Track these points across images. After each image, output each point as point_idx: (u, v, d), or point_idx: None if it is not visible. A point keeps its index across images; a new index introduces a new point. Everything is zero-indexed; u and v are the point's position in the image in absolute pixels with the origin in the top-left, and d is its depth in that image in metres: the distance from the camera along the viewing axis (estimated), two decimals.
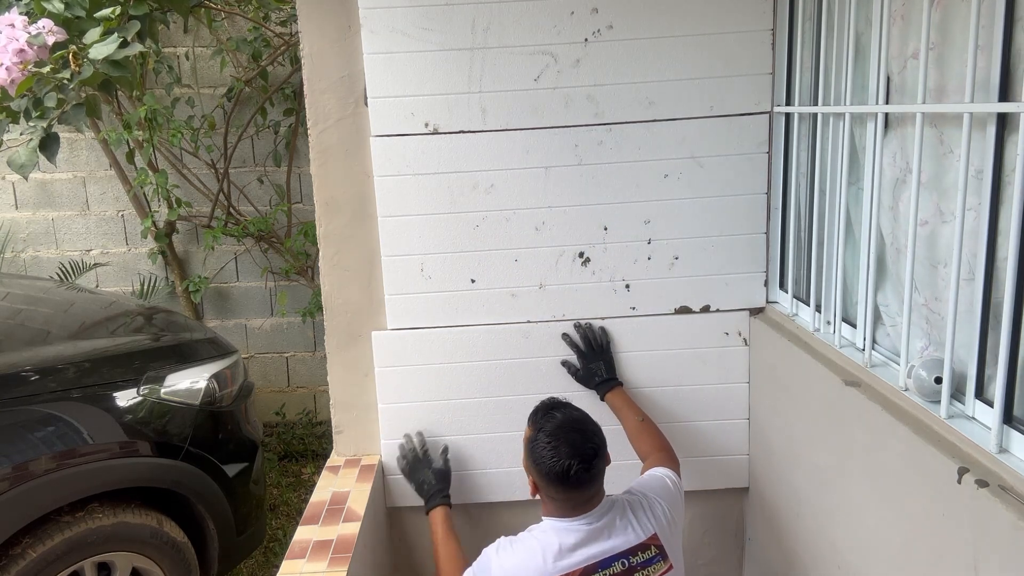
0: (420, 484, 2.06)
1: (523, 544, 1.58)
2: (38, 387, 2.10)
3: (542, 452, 1.55)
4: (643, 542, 1.57)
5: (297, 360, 4.12)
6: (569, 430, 1.57)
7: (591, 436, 1.57)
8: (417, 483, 2.07)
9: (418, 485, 2.07)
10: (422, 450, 2.11)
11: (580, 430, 1.58)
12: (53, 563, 2.05)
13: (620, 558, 1.55)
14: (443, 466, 2.09)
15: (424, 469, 2.07)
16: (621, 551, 1.55)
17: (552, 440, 1.54)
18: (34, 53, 1.75)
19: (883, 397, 1.49)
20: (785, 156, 2.03)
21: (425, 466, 2.07)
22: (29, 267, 4.02)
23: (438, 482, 2.04)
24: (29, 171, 1.90)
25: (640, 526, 1.59)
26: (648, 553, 1.57)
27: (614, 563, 1.54)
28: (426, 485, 2.04)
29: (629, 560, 1.55)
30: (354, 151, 2.05)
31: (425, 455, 2.10)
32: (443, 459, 2.11)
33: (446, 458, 2.11)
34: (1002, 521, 1.11)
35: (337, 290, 2.13)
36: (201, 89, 3.83)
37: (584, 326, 2.12)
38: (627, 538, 1.56)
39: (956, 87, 1.34)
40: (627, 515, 1.60)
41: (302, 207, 3.93)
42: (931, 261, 1.45)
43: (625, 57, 1.98)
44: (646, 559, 1.56)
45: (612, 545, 1.55)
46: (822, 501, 1.74)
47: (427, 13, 1.95)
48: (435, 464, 2.08)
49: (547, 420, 1.60)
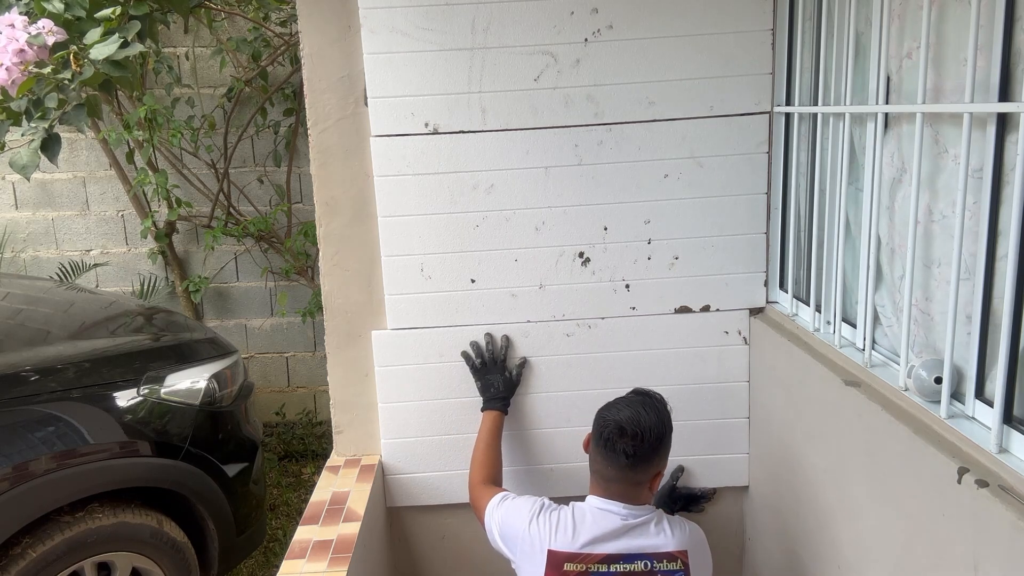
0: (487, 385, 2.09)
1: (560, 516, 1.61)
2: (38, 387, 2.11)
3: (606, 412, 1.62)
4: (672, 552, 1.57)
5: (297, 360, 4.13)
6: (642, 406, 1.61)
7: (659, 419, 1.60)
8: (484, 383, 2.09)
9: (484, 385, 2.09)
10: (503, 354, 2.12)
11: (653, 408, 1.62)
12: (53, 563, 2.05)
13: (645, 558, 1.55)
14: (515, 378, 2.11)
15: (496, 373, 2.09)
16: (648, 552, 1.56)
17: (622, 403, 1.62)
18: (34, 53, 1.75)
19: (883, 397, 1.49)
20: (785, 156, 2.03)
21: (499, 371, 2.10)
22: (29, 267, 4.02)
23: (505, 389, 2.08)
24: (31, 172, 1.90)
25: (674, 537, 1.59)
26: (674, 564, 1.56)
27: (637, 560, 1.55)
28: (492, 388, 2.08)
29: (653, 563, 1.55)
30: (354, 151, 2.05)
31: (504, 361, 2.12)
32: (517, 371, 2.13)
33: (520, 371, 2.13)
34: (1002, 521, 1.11)
35: (337, 290, 2.13)
36: (201, 89, 3.83)
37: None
38: (658, 542, 1.57)
39: (953, 87, 1.34)
40: (663, 523, 1.61)
41: (302, 207, 3.94)
42: (923, 261, 1.45)
43: (625, 57, 1.98)
44: (670, 570, 1.56)
45: (641, 544, 1.56)
46: (822, 501, 1.74)
47: (427, 13, 1.96)
48: (507, 372, 2.11)
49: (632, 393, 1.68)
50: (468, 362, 2.13)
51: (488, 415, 2.04)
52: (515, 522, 1.64)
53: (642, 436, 1.56)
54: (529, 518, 1.62)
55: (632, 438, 1.55)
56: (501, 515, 1.69)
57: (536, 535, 1.59)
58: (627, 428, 1.56)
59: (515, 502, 1.69)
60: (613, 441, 1.56)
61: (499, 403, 2.06)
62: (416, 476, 2.20)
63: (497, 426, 2.02)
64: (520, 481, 2.19)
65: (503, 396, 2.08)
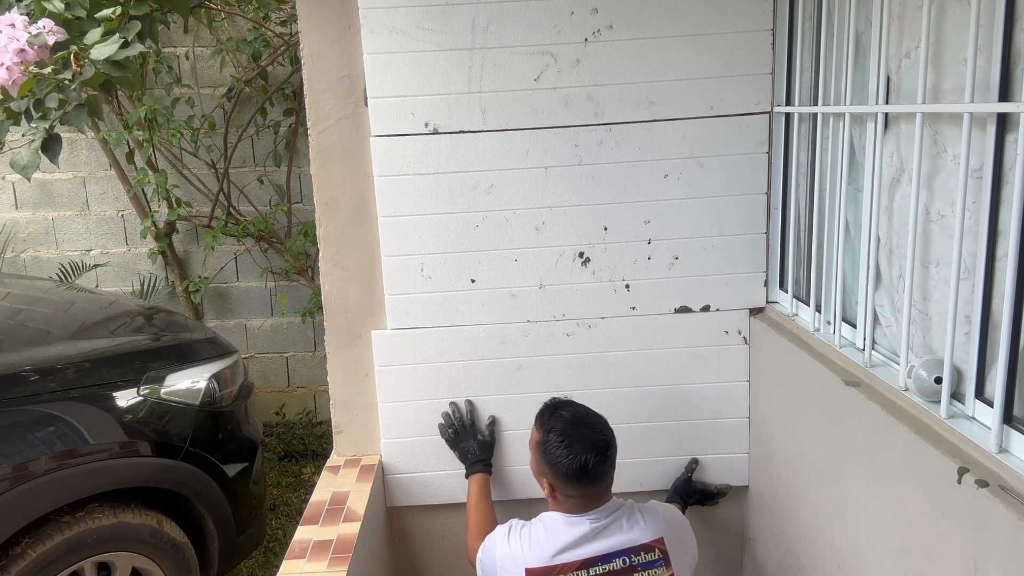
0: (464, 452, 2.10)
1: (531, 532, 1.61)
2: (38, 387, 2.10)
3: (556, 452, 1.56)
4: (647, 543, 1.58)
5: (297, 360, 4.13)
6: (579, 426, 1.60)
7: (600, 428, 1.61)
8: (461, 451, 2.11)
9: (462, 453, 2.11)
10: (469, 419, 2.13)
11: (589, 424, 1.61)
12: (53, 563, 2.05)
13: (622, 555, 1.56)
14: (488, 437, 2.13)
15: (469, 439, 2.11)
16: (624, 548, 1.57)
17: (564, 438, 1.57)
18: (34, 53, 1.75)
19: (883, 397, 1.49)
20: (785, 156, 2.03)
21: (471, 436, 2.11)
22: (29, 267, 4.02)
23: (482, 452, 2.09)
24: (32, 172, 1.90)
25: (647, 527, 1.60)
26: (651, 555, 1.57)
27: (615, 559, 1.56)
28: (470, 454, 2.09)
29: (631, 558, 1.56)
30: (354, 151, 2.05)
31: (472, 425, 2.13)
32: (489, 431, 2.14)
33: (492, 430, 2.15)
34: (1002, 521, 1.11)
35: (337, 290, 2.13)
36: (201, 89, 3.83)
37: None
38: (632, 536, 1.58)
39: (952, 86, 1.34)
40: (635, 515, 1.62)
41: (302, 207, 3.94)
42: (921, 261, 1.45)
43: (625, 57, 1.98)
44: (648, 560, 1.57)
45: (616, 541, 1.57)
46: (822, 501, 1.74)
47: (427, 13, 1.96)
48: (479, 435, 2.12)
49: (555, 420, 1.62)
50: (443, 434, 2.14)
51: (473, 480, 2.05)
52: (493, 552, 1.66)
53: (603, 448, 1.57)
54: (503, 543, 1.63)
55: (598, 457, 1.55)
56: (482, 552, 1.70)
57: (510, 557, 1.60)
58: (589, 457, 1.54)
59: (490, 537, 1.70)
60: (584, 472, 1.54)
61: (480, 465, 2.07)
62: (416, 476, 2.20)
63: (484, 488, 2.02)
64: (520, 481, 2.19)
65: (482, 458, 2.09)
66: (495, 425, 2.16)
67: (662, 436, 2.18)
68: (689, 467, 2.17)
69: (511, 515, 2.16)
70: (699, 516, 2.28)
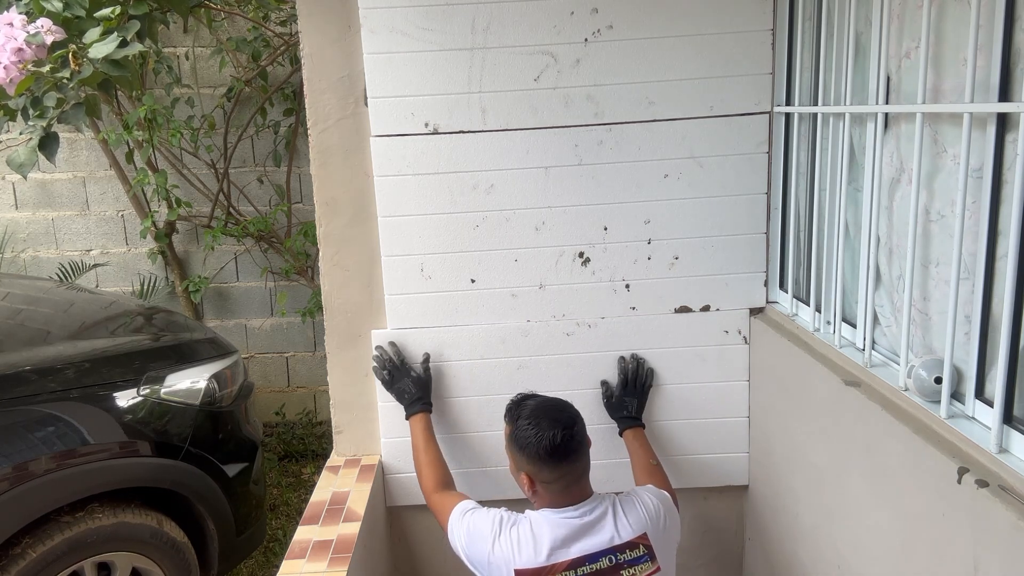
0: (400, 393, 2.09)
1: (519, 532, 1.61)
2: (38, 387, 2.10)
3: (525, 435, 1.60)
4: (632, 540, 1.59)
5: (297, 360, 4.13)
6: (543, 408, 1.65)
7: (565, 408, 1.66)
8: (398, 392, 2.09)
9: (398, 394, 2.09)
10: (399, 359, 2.12)
11: (553, 406, 1.66)
12: (53, 563, 2.05)
13: (608, 554, 1.57)
14: (423, 374, 2.11)
15: (404, 378, 2.09)
16: (609, 547, 1.58)
17: (531, 420, 1.61)
18: (32, 52, 1.75)
19: (883, 397, 1.49)
20: (785, 156, 2.03)
21: (404, 375, 2.10)
22: (29, 267, 4.02)
23: (418, 390, 2.07)
24: (28, 170, 1.89)
25: (631, 524, 1.61)
26: (636, 552, 1.59)
27: (601, 558, 1.57)
28: (406, 394, 2.07)
29: (616, 556, 1.57)
30: (354, 151, 2.05)
31: (403, 364, 2.12)
32: (423, 367, 2.13)
33: (427, 366, 2.13)
34: (1002, 521, 1.11)
35: (337, 290, 2.13)
36: (201, 89, 3.83)
37: (635, 361, 2.13)
38: (615, 534, 1.59)
39: (952, 86, 1.34)
40: (618, 511, 1.63)
41: (302, 207, 3.93)
42: (921, 261, 1.45)
43: (625, 57, 1.98)
44: (634, 557, 1.58)
45: (600, 540, 1.58)
46: (822, 501, 1.74)
47: (427, 13, 1.95)
48: (414, 372, 2.11)
49: (521, 409, 1.67)
50: (377, 376, 2.13)
51: (414, 420, 2.03)
52: (479, 543, 1.64)
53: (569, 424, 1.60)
54: (492, 540, 1.62)
55: (565, 431, 1.58)
56: (466, 531, 1.68)
57: (500, 557, 1.60)
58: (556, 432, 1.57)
59: (476, 517, 1.68)
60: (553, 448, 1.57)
61: (419, 404, 2.05)
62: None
63: (427, 427, 2.02)
64: None
65: (419, 396, 2.06)
66: (429, 362, 2.13)
67: (662, 435, 2.18)
68: (603, 393, 2.14)
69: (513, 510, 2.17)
70: (699, 516, 2.29)
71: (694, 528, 2.29)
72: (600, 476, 2.02)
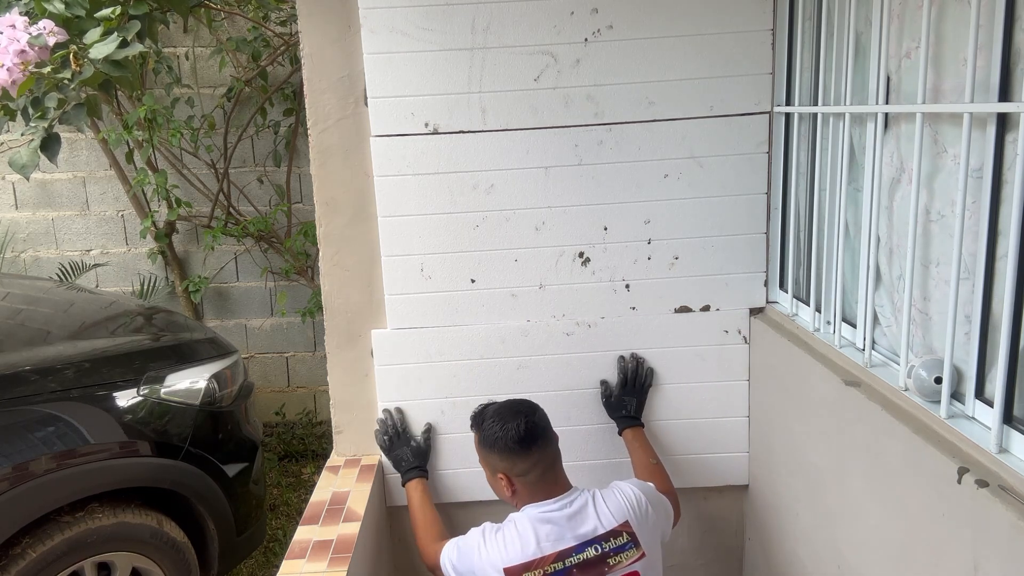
0: (398, 460, 2.12)
1: (504, 534, 1.64)
2: (38, 387, 2.10)
3: (492, 432, 1.67)
4: (614, 528, 1.62)
5: (297, 360, 4.13)
6: (505, 406, 1.72)
7: (523, 401, 1.74)
8: (395, 459, 2.13)
9: (395, 461, 2.13)
10: (401, 427, 2.15)
11: (512, 403, 1.73)
12: (53, 563, 2.05)
13: (593, 544, 1.60)
14: (423, 444, 2.14)
15: (403, 447, 2.12)
16: (593, 537, 1.60)
17: (495, 419, 1.68)
18: (35, 54, 1.75)
19: (883, 397, 1.49)
20: (785, 156, 2.03)
21: (404, 444, 2.13)
22: (29, 267, 4.02)
23: (415, 459, 2.11)
24: (31, 171, 1.90)
25: (612, 512, 1.64)
26: (620, 540, 1.61)
27: (587, 548, 1.59)
28: (403, 462, 2.11)
29: (602, 546, 1.60)
30: (354, 151, 2.05)
31: (404, 432, 2.15)
32: (424, 437, 2.15)
33: (427, 437, 2.15)
34: (1002, 521, 1.11)
35: (337, 290, 2.13)
36: (201, 89, 3.83)
37: (634, 360, 2.13)
38: (598, 524, 1.62)
39: (952, 86, 1.34)
40: (598, 501, 1.66)
41: (302, 207, 3.93)
42: (921, 261, 1.45)
43: (625, 57, 1.98)
44: (618, 545, 1.61)
45: (585, 531, 1.61)
46: (822, 501, 1.74)
47: (427, 13, 1.95)
48: (413, 442, 2.14)
49: (484, 414, 1.74)
50: (378, 440, 2.16)
51: (411, 486, 2.06)
52: (467, 555, 1.67)
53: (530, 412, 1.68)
54: (478, 547, 1.65)
55: (527, 419, 1.65)
56: (456, 551, 1.71)
57: (488, 560, 1.62)
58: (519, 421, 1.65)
59: (463, 540, 1.72)
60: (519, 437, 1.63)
61: (415, 472, 2.08)
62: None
63: (424, 492, 2.05)
64: None
65: (416, 465, 2.10)
66: (430, 433, 2.16)
67: (662, 435, 2.18)
68: (602, 392, 2.14)
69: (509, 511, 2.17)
70: (699, 516, 2.29)
71: (694, 528, 2.29)
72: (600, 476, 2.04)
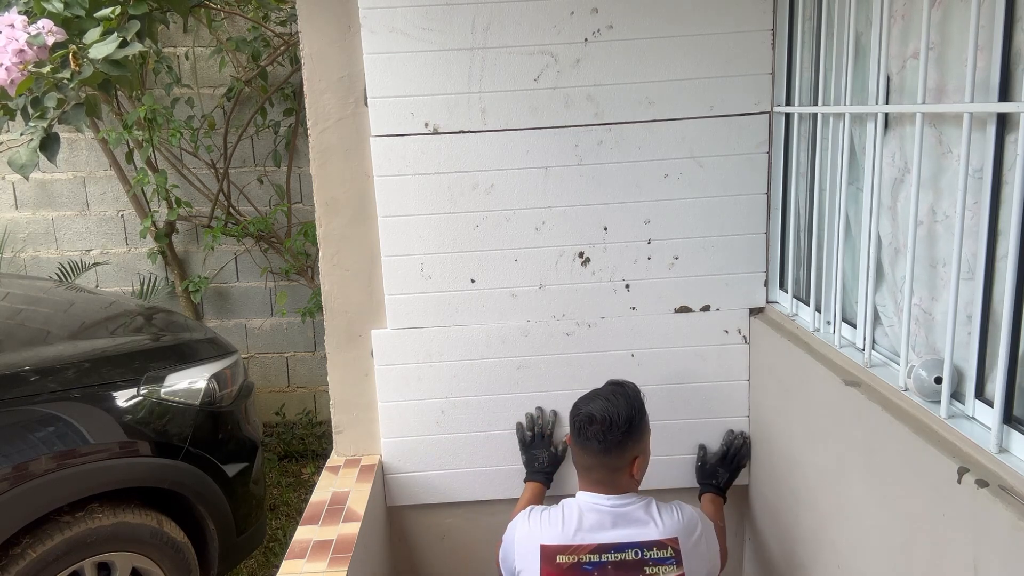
0: (532, 459, 2.12)
1: (551, 513, 1.66)
2: (38, 387, 2.10)
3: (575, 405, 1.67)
4: (661, 540, 1.60)
5: (297, 360, 4.13)
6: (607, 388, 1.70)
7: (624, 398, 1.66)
8: (529, 456, 2.13)
9: (529, 459, 2.13)
10: (550, 429, 2.15)
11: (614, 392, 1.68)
12: (53, 563, 2.05)
13: (635, 547, 1.59)
14: (559, 453, 2.14)
15: (542, 448, 2.12)
16: (638, 541, 1.59)
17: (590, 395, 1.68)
18: (34, 53, 1.75)
19: (883, 397, 1.49)
20: (785, 156, 2.03)
21: (545, 446, 2.13)
22: (29, 267, 4.02)
23: (549, 465, 2.11)
24: (30, 171, 1.90)
25: (663, 524, 1.62)
26: (664, 552, 1.59)
27: (628, 550, 1.58)
28: (536, 462, 2.11)
29: (643, 552, 1.59)
30: (354, 151, 2.05)
31: (550, 436, 2.15)
32: (562, 447, 2.15)
33: (565, 448, 2.15)
34: (1002, 521, 1.11)
35: (337, 290, 2.13)
36: (201, 89, 3.83)
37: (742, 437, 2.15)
38: (646, 530, 1.61)
39: (955, 87, 1.34)
40: (652, 510, 1.65)
41: (302, 207, 3.94)
42: (928, 261, 1.45)
43: (625, 57, 1.98)
44: (660, 557, 1.59)
45: (631, 533, 1.60)
46: (822, 501, 1.74)
47: (427, 13, 1.95)
48: (553, 448, 2.14)
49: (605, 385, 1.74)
50: (519, 434, 2.16)
51: (530, 486, 2.07)
52: (512, 534, 1.69)
53: (611, 422, 1.61)
54: (523, 524, 1.67)
55: (601, 424, 1.61)
56: (503, 540, 1.73)
57: (527, 535, 1.63)
58: (596, 416, 1.62)
59: (512, 521, 1.73)
60: (584, 430, 1.63)
61: (542, 476, 2.09)
62: (416, 475, 2.20)
63: (538, 496, 2.05)
64: (520, 479, 2.19)
65: (547, 471, 2.11)
66: (567, 446, 2.14)
67: (662, 435, 2.17)
68: (699, 456, 2.17)
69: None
70: None
71: None
72: None
